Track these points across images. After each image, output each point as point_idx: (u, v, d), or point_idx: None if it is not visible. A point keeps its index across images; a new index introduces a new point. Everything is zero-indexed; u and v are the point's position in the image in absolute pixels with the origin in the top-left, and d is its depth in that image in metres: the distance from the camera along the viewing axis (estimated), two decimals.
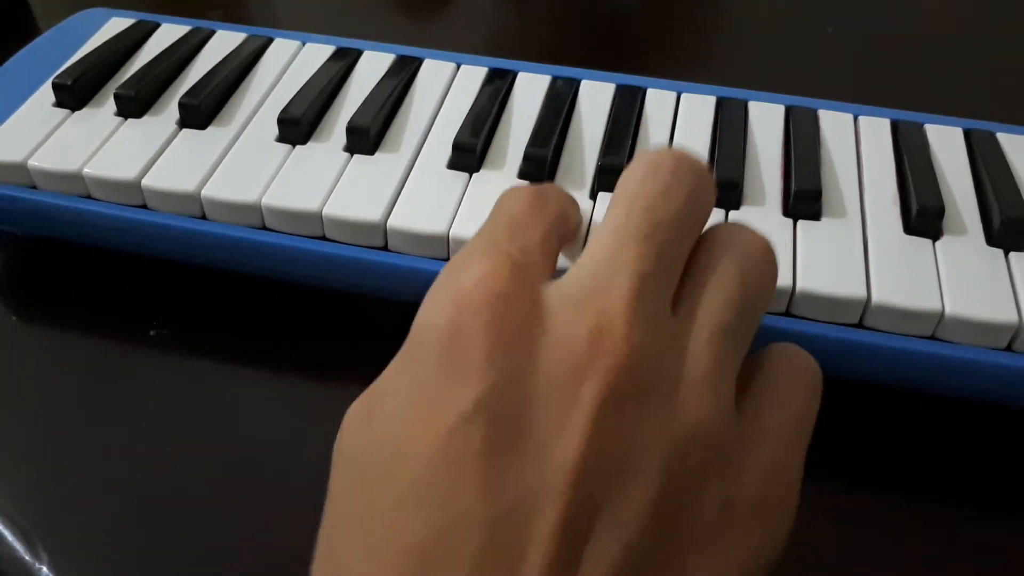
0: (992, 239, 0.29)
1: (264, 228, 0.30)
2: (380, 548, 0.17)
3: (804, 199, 0.30)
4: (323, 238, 0.30)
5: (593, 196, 0.30)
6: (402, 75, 0.35)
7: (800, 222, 0.29)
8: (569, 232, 0.24)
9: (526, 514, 0.17)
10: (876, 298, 0.27)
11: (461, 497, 0.17)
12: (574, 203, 0.25)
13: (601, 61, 0.38)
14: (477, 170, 0.31)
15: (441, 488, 0.17)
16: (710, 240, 0.22)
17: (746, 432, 0.20)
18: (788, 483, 0.20)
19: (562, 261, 0.24)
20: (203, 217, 0.31)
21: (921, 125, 0.34)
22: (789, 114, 0.34)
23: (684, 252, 0.21)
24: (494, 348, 0.18)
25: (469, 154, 0.31)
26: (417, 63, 0.36)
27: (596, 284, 0.20)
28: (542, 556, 0.17)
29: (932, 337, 0.27)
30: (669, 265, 0.20)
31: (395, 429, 0.19)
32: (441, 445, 0.18)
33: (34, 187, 0.32)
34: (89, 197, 0.32)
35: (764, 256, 0.22)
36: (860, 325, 0.27)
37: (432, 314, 0.20)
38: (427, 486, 0.18)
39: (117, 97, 0.33)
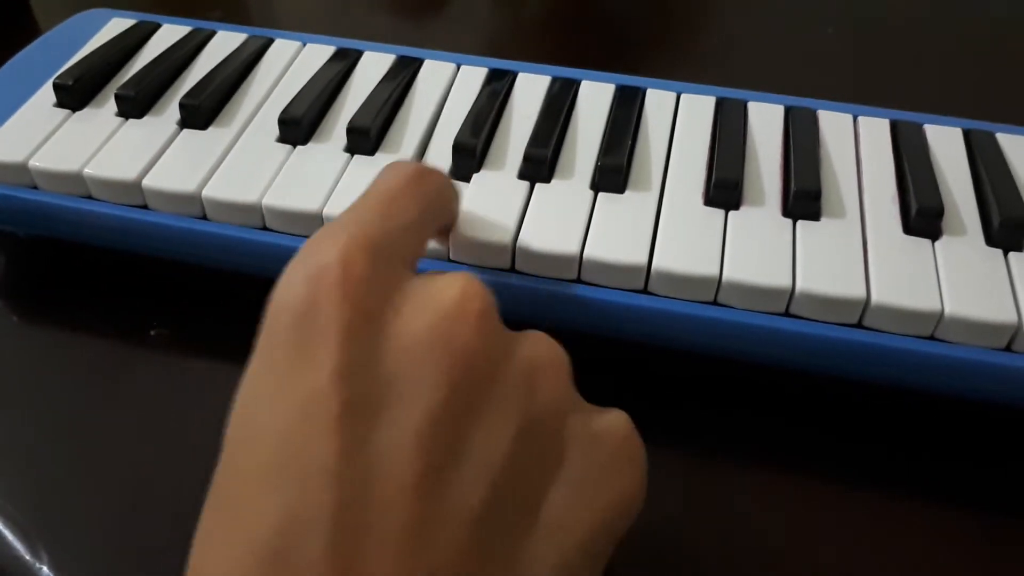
0: (991, 239, 0.29)
1: (265, 228, 0.30)
2: (238, 536, 0.17)
3: (803, 199, 0.30)
4: None
5: (593, 196, 0.30)
6: (402, 76, 0.35)
7: (799, 222, 0.30)
8: (448, 215, 0.25)
9: (388, 468, 0.17)
10: (875, 298, 0.27)
11: (318, 462, 0.17)
12: (453, 188, 0.26)
13: (601, 61, 0.38)
14: (477, 170, 0.31)
15: (297, 457, 0.18)
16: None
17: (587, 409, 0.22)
18: (635, 444, 0.22)
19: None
20: (204, 217, 0.31)
21: (920, 125, 0.34)
22: (788, 114, 0.34)
23: None
24: (351, 321, 0.19)
25: (469, 155, 0.31)
26: (417, 64, 0.36)
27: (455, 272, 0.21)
28: (404, 505, 0.17)
29: (931, 337, 0.27)
30: None
31: (252, 411, 0.19)
32: (297, 419, 0.18)
33: (35, 187, 0.32)
34: (90, 197, 0.32)
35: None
36: (859, 325, 0.28)
37: (288, 290, 0.20)
38: (284, 458, 0.18)
39: (118, 97, 0.33)
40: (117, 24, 0.38)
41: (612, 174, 0.30)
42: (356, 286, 0.19)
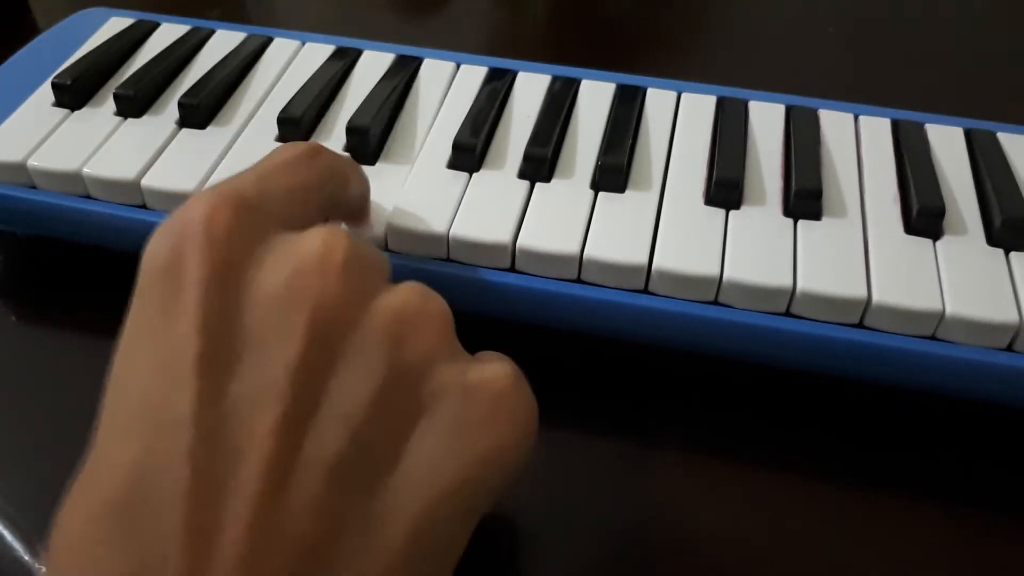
0: (993, 239, 0.29)
1: None
2: (93, 488, 0.18)
3: (804, 199, 0.30)
4: None
5: (594, 196, 0.30)
6: (402, 75, 0.35)
7: (800, 222, 0.29)
8: (346, 196, 0.26)
9: (245, 417, 0.18)
10: (876, 298, 0.27)
11: (175, 409, 0.18)
12: (356, 171, 0.27)
13: (601, 61, 0.38)
14: (477, 170, 0.31)
15: (156, 405, 0.18)
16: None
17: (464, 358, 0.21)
18: (515, 397, 0.21)
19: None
20: None
21: (922, 125, 0.34)
22: (789, 114, 0.34)
23: None
24: (212, 273, 0.19)
25: (469, 154, 0.31)
26: (417, 63, 0.36)
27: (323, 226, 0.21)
28: (261, 452, 0.17)
29: (932, 337, 0.27)
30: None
31: (122, 370, 0.19)
32: (157, 371, 0.18)
33: (33, 187, 0.32)
34: (88, 197, 0.31)
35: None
36: (860, 325, 0.27)
37: (155, 247, 0.20)
38: (144, 406, 0.18)
39: (116, 97, 0.33)
40: (116, 23, 0.38)
41: (612, 173, 0.30)
42: (218, 238, 0.20)
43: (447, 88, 0.35)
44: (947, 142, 0.33)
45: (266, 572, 0.17)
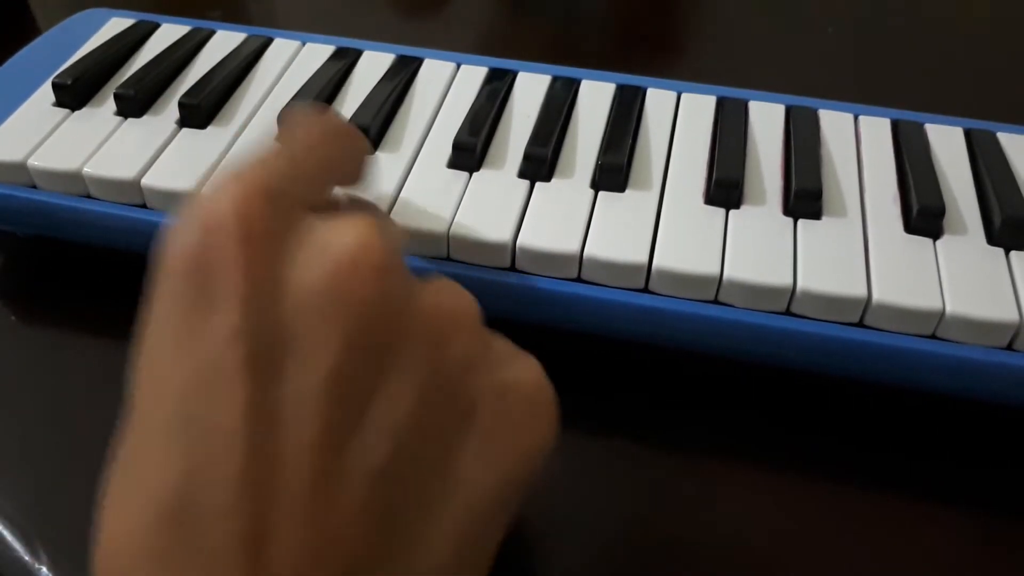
0: (993, 238, 0.29)
1: None
2: (142, 494, 0.17)
3: (804, 199, 0.30)
4: None
5: (594, 195, 0.30)
6: (402, 75, 0.35)
7: (800, 221, 0.29)
8: (355, 173, 0.25)
9: (290, 427, 0.17)
10: (877, 297, 0.27)
11: (222, 418, 0.17)
12: (367, 147, 0.26)
13: (601, 61, 0.38)
14: (477, 169, 0.31)
15: (201, 413, 0.17)
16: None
17: (495, 344, 0.21)
18: (545, 394, 0.21)
19: None
20: None
21: (921, 125, 0.34)
22: (789, 114, 0.34)
23: None
24: (248, 275, 0.18)
25: (469, 154, 0.31)
26: (417, 63, 0.36)
27: (353, 216, 0.20)
28: (307, 464, 0.17)
29: (933, 336, 0.27)
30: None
31: (155, 366, 0.19)
32: (198, 375, 0.18)
33: (34, 186, 0.32)
34: (89, 197, 0.32)
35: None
36: (861, 324, 0.27)
37: (181, 239, 0.19)
38: (186, 414, 0.18)
39: (117, 97, 0.33)
40: (116, 24, 0.38)
41: (612, 173, 0.30)
42: (254, 235, 0.18)
43: (447, 88, 0.35)
44: (947, 142, 0.33)
45: None
